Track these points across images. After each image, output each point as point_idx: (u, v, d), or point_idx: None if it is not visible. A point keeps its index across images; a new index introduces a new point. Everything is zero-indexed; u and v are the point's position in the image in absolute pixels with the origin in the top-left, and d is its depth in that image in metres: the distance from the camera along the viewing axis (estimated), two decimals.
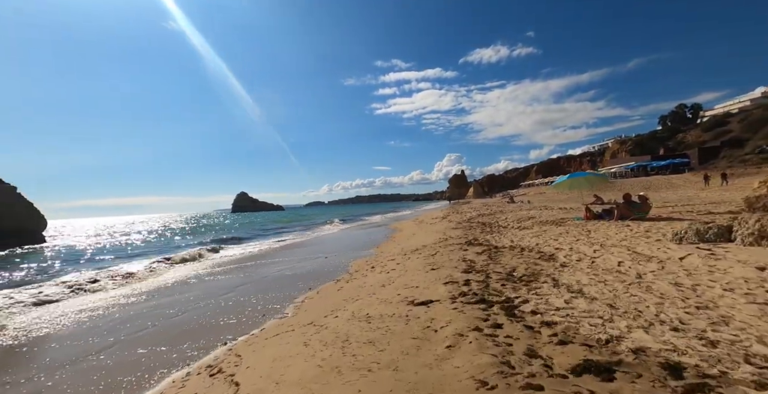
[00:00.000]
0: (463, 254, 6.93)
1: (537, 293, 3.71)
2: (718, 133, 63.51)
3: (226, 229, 32.29)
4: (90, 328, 4.91)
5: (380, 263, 7.81)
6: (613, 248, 5.43)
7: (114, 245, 21.01)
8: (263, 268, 9.01)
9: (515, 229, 10.15)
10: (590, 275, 4.11)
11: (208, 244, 17.46)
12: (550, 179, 78.95)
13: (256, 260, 10.72)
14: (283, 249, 13.79)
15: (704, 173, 24.59)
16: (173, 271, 9.91)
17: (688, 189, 29.95)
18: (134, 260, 13.05)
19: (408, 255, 8.18)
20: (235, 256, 12.63)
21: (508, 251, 6.75)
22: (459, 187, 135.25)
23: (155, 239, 25.25)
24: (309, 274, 7.52)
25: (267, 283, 6.92)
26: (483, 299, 3.72)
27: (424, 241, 10.48)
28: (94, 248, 19.47)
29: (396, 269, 6.55)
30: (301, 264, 9.09)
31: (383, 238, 14.49)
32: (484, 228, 11.42)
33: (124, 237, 27.85)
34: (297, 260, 10.09)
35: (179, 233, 29.22)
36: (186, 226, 43.66)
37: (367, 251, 10.66)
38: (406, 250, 9.18)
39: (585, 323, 2.64)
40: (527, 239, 7.83)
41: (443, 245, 8.78)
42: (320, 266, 8.49)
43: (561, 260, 5.26)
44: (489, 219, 14.44)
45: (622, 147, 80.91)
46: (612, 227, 8.03)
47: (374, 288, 5.19)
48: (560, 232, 8.16)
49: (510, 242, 7.78)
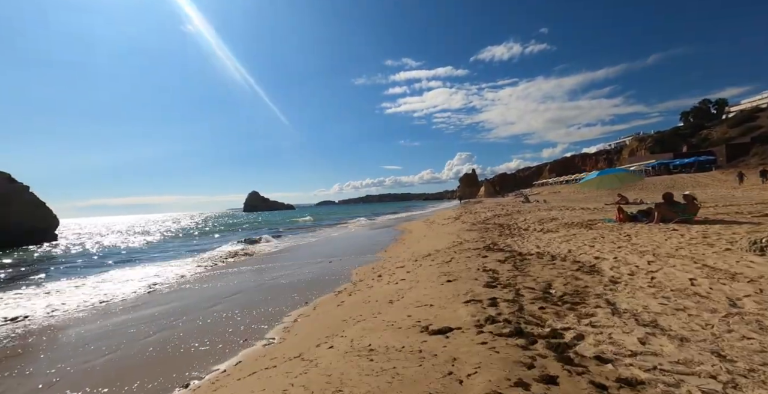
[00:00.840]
0: (482, 262, 6.04)
1: (592, 322, 2.81)
2: (746, 129, 60.11)
3: (230, 227, 32.10)
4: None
5: (388, 270, 6.98)
6: (671, 259, 4.44)
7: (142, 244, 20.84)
8: (260, 274, 8.29)
9: (538, 232, 9.15)
10: (658, 297, 3.17)
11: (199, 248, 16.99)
12: (565, 178, 76.48)
13: (253, 265, 10.06)
14: (285, 252, 13.14)
15: (738, 171, 22.81)
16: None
17: (719, 188, 28.04)
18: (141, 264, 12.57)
19: (419, 261, 7.33)
20: (233, 261, 12.02)
21: (536, 259, 5.82)
22: (470, 187, 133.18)
23: (182, 237, 25.07)
24: (308, 282, 6.76)
25: (260, 293, 6.19)
26: (519, 330, 2.84)
27: (436, 244, 9.60)
28: (128, 247, 19.31)
29: (406, 278, 5.71)
30: (302, 270, 8.35)
31: (392, 240, 13.66)
32: (502, 230, 10.44)
33: (146, 237, 27.87)
34: (299, 264, 9.37)
35: (210, 231, 29.10)
36: (206, 225, 43.84)
37: (374, 255, 9.86)
38: (416, 255, 8.33)
39: (692, 386, 1.74)
40: (555, 245, 6.86)
41: (458, 249, 7.89)
42: (322, 273, 7.73)
43: (608, 273, 4.31)
44: (506, 220, 13.41)
45: (642, 144, 77.70)
46: (655, 231, 6.97)
47: (380, 305, 4.37)
48: (593, 236, 7.15)
49: (536, 248, 6.83)
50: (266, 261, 10.49)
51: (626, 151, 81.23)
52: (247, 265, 9.72)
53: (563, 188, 56.57)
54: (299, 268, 8.64)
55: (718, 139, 62.59)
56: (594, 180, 10.00)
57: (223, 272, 8.50)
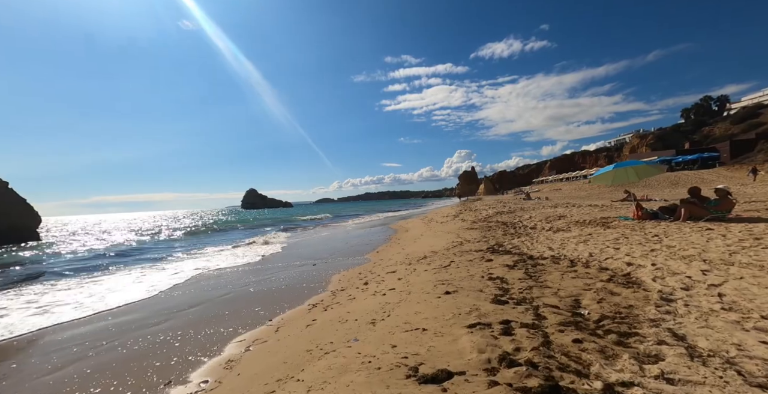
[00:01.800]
0: (487, 267, 5.08)
1: (665, 373, 1.85)
2: (749, 126, 59.46)
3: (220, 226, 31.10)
4: None
5: (376, 276, 6.01)
6: (731, 268, 3.49)
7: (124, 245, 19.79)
8: (231, 280, 7.25)
9: (547, 230, 8.20)
10: (748, 328, 2.21)
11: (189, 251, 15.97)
12: (565, 175, 75.66)
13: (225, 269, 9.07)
14: (272, 249, 12.15)
15: (753, 166, 21.91)
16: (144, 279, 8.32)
17: (727, 183, 27.16)
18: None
19: (413, 265, 6.37)
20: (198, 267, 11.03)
21: (552, 264, 4.86)
22: (469, 184, 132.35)
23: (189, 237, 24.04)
24: (281, 292, 5.77)
25: (220, 306, 5.18)
26: (554, 388, 1.87)
27: (433, 245, 8.64)
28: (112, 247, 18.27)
29: (396, 288, 4.75)
30: (280, 274, 7.37)
31: (386, 239, 12.68)
32: (506, 229, 9.49)
33: (142, 236, 26.82)
34: (278, 267, 8.38)
35: (197, 232, 28.07)
36: (201, 224, 42.74)
37: (363, 257, 8.88)
38: (411, 257, 7.37)
39: None
40: (571, 246, 5.90)
41: (458, 251, 6.93)
42: (301, 278, 6.75)
43: (652, 286, 3.35)
44: (510, 218, 12.46)
45: (643, 141, 76.97)
46: (686, 230, 6.02)
47: (359, 326, 3.40)
48: (615, 236, 6.19)
49: (548, 250, 5.87)
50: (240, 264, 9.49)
51: (627, 149, 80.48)
52: (212, 271, 8.71)
53: (564, 186, 55.71)
54: (276, 272, 7.65)
55: (721, 135, 61.86)
56: (608, 174, 9.03)
57: (195, 279, 7.48)
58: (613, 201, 19.34)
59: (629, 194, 19.07)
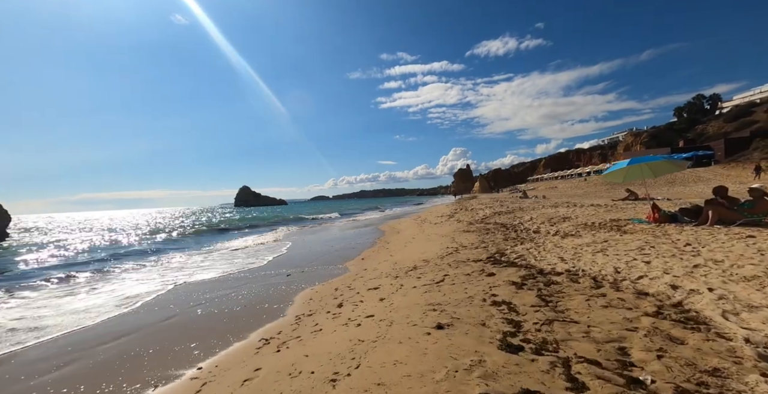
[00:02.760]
0: (489, 285, 4.09)
1: None
2: (742, 124, 59.64)
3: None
4: None
5: (355, 294, 4.98)
6: None
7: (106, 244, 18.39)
8: (182, 295, 6.06)
9: (553, 235, 7.25)
10: None
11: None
12: (560, 173, 75.38)
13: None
14: (245, 255, 11.06)
15: (756, 164, 21.35)
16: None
17: (724, 183, 26.69)
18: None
19: (400, 278, 5.36)
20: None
21: (569, 282, 3.89)
22: (464, 182, 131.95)
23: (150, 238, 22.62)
24: (234, 315, 4.66)
25: (147, 338, 4.01)
26: None
27: (425, 251, 7.65)
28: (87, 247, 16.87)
29: (375, 315, 3.73)
30: (244, 288, 6.27)
31: (373, 243, 11.63)
32: (506, 233, 8.52)
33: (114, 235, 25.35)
34: (247, 278, 7.30)
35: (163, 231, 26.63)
36: (184, 223, 41.17)
37: (345, 266, 7.84)
38: (399, 267, 6.35)
39: None
40: (588, 257, 4.94)
41: (453, 261, 5.94)
42: (266, 295, 5.66)
43: (728, 327, 2.38)
44: (508, 219, 11.52)
45: (637, 139, 76.93)
46: (722, 237, 5.09)
47: (313, 387, 2.38)
48: (637, 244, 5.25)
49: (560, 261, 4.90)
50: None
51: (621, 147, 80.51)
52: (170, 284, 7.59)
53: (560, 184, 55.29)
54: (241, 285, 6.55)
55: (714, 133, 61.97)
56: (621, 171, 8.10)
57: (142, 297, 6.31)
58: (614, 200, 18.54)
59: (631, 193, 18.29)
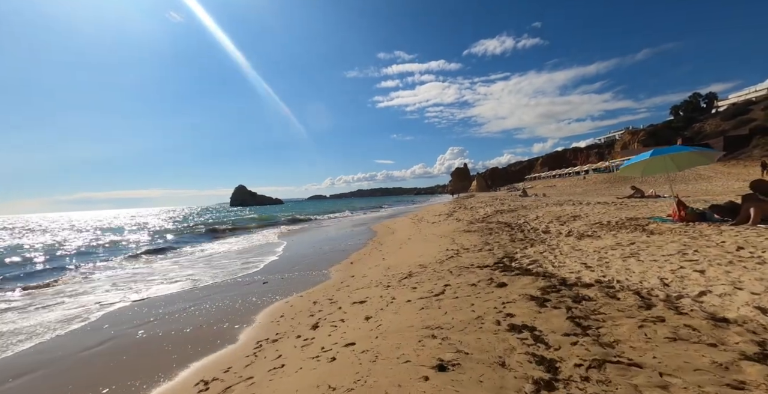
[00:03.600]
0: (501, 300, 3.24)
1: None
2: (739, 122, 59.54)
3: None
4: None
5: (336, 309, 4.10)
6: None
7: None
8: (127, 314, 5.08)
9: (566, 236, 6.41)
10: None
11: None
12: (558, 172, 74.88)
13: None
14: (225, 259, 10.14)
15: (762, 160, 20.73)
16: None
17: (726, 180, 26.16)
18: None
19: (393, 288, 4.49)
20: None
21: (604, 296, 3.04)
22: (462, 181, 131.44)
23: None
24: (183, 338, 3.73)
25: (58, 378, 3.10)
26: None
27: (422, 254, 6.78)
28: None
29: (356, 343, 2.86)
30: (212, 298, 5.38)
31: (365, 244, 10.74)
32: (512, 233, 7.68)
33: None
34: (219, 286, 6.39)
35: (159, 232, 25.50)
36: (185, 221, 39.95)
37: (330, 271, 6.95)
38: (391, 273, 5.48)
39: None
40: (617, 262, 4.10)
41: (455, 266, 5.08)
42: (232, 308, 4.73)
43: None
44: (512, 218, 10.69)
45: (634, 137, 76.60)
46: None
47: None
48: (675, 248, 4.42)
49: (584, 268, 4.06)
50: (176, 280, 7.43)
51: (619, 145, 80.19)
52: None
53: (558, 182, 54.69)
54: (208, 296, 5.64)
55: (712, 131, 61.76)
56: (639, 164, 7.28)
57: (94, 310, 5.38)
58: (619, 198, 17.79)
59: (636, 191, 17.55)
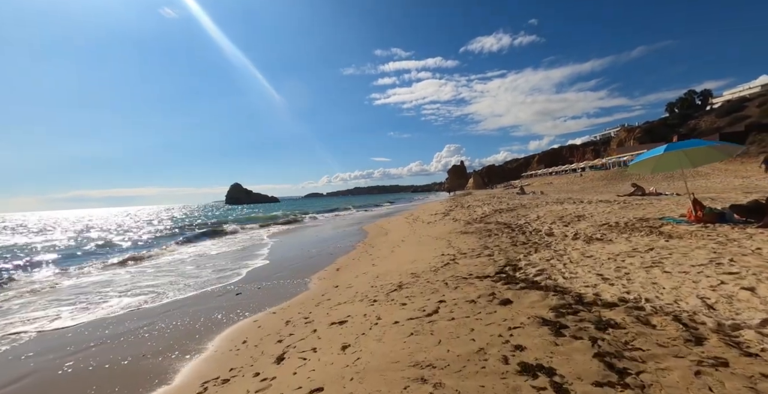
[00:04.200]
0: (506, 326, 2.62)
1: None
2: (734, 119, 59.68)
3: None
4: None
5: (308, 334, 3.47)
6: None
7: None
8: (67, 337, 4.39)
9: (573, 239, 5.82)
10: None
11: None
12: (554, 169, 74.69)
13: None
14: (202, 264, 9.46)
15: (765, 156, 20.35)
16: None
17: (724, 177, 25.87)
18: None
19: (378, 304, 3.88)
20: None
21: (636, 323, 2.45)
22: (458, 179, 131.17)
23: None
24: (113, 374, 3.03)
25: None
26: None
27: (416, 259, 6.17)
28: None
29: (325, 389, 2.23)
30: (171, 315, 4.73)
31: (354, 247, 10.11)
32: (512, 235, 7.09)
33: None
34: (183, 299, 5.73)
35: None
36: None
37: (313, 279, 6.31)
38: (380, 283, 4.86)
39: None
40: (641, 274, 3.51)
41: (451, 276, 4.47)
42: (184, 331, 4.02)
43: None
44: (511, 218, 10.11)
45: (630, 134, 76.55)
46: None
47: None
48: (705, 255, 3.84)
49: (601, 281, 3.47)
50: (130, 293, 6.66)
51: (615, 142, 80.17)
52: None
53: (555, 179, 54.43)
54: (168, 312, 4.97)
55: (707, 128, 61.85)
56: (650, 160, 6.71)
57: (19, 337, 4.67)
58: (619, 195, 17.34)
59: (637, 188, 17.10)
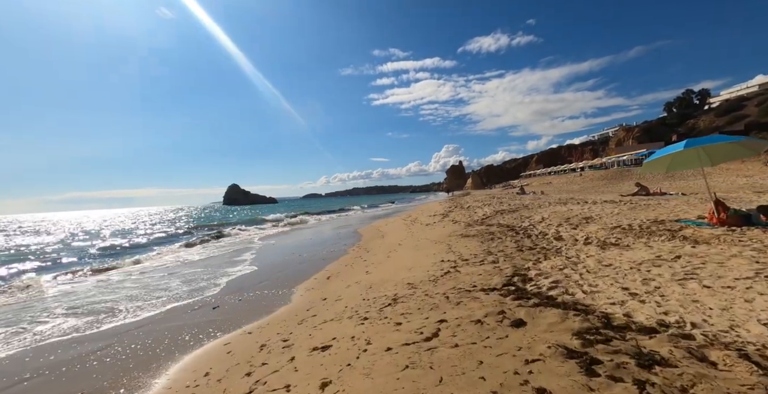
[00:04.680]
0: (522, 359, 2.07)
1: None
2: (733, 118, 59.59)
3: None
4: None
5: (283, 364, 2.93)
6: None
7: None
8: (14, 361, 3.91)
9: (584, 243, 5.31)
10: None
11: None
12: (553, 169, 74.35)
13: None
14: (188, 266, 8.89)
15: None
16: None
17: (728, 176, 25.50)
18: None
19: (369, 323, 3.33)
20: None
21: (689, 359, 1.92)
22: (457, 179, 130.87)
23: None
24: None
25: None
26: None
27: (412, 266, 5.63)
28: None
29: None
30: (136, 333, 4.18)
31: (348, 251, 9.56)
32: (518, 239, 6.55)
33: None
34: (155, 315, 5.17)
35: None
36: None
37: (298, 289, 5.75)
38: (371, 297, 4.32)
39: None
40: (675, 289, 2.99)
41: (452, 289, 3.93)
42: (142, 357, 3.45)
43: None
44: (514, 219, 9.59)
45: (629, 134, 76.33)
46: None
47: None
48: (746, 266, 3.33)
49: (631, 297, 2.94)
50: (85, 312, 5.99)
51: (613, 142, 79.97)
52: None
53: (554, 179, 54.06)
54: (130, 331, 4.42)
55: (706, 127, 61.72)
56: (665, 158, 6.21)
57: None
58: (623, 195, 16.86)
59: (641, 188, 16.61)
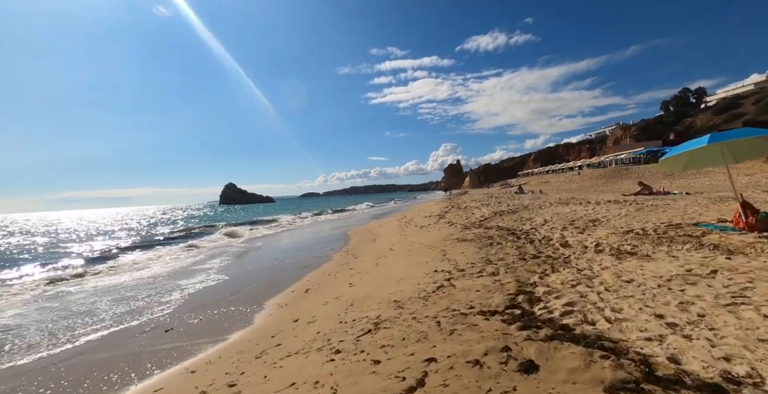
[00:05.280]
0: None
1: None
2: (730, 116, 59.51)
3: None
4: None
5: None
6: None
7: None
8: None
9: (596, 252, 4.66)
10: None
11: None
12: (551, 167, 73.97)
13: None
14: (140, 285, 8.17)
15: None
16: None
17: (726, 174, 24.86)
18: None
19: (340, 359, 2.65)
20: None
21: None
22: (455, 177, 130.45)
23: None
24: None
25: None
26: None
27: (402, 277, 4.95)
28: None
29: None
30: (48, 372, 3.46)
31: (333, 258, 8.86)
32: (519, 245, 5.89)
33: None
34: (100, 341, 4.47)
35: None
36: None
37: (268, 305, 5.05)
38: (349, 320, 3.64)
39: None
40: (728, 320, 2.33)
41: (445, 310, 3.25)
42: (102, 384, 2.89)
43: None
44: (514, 222, 8.93)
45: (626, 133, 76.11)
46: None
47: None
48: None
49: (665, 327, 2.28)
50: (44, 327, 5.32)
51: (611, 140, 79.75)
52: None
53: (551, 178, 53.63)
54: (43, 368, 3.70)
55: (703, 126, 61.59)
56: (683, 155, 5.60)
57: None
58: (625, 194, 16.29)
59: (644, 187, 16.05)
